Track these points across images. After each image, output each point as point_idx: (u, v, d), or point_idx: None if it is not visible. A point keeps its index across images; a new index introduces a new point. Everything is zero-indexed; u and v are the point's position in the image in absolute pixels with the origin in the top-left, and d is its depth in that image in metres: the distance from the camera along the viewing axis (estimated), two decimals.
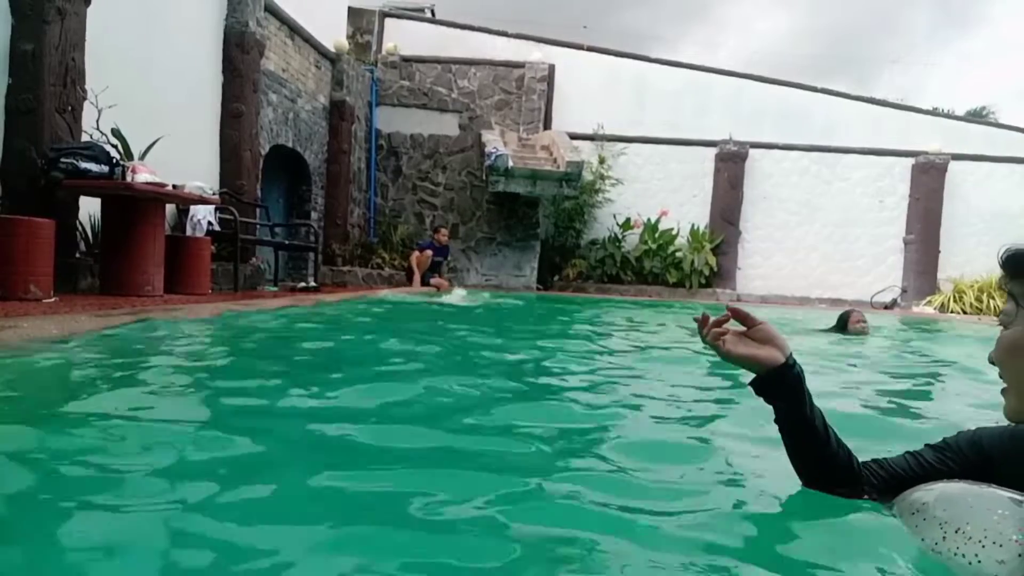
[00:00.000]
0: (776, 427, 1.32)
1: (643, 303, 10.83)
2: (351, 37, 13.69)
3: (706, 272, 13.21)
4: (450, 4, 17.33)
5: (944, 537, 0.97)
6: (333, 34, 11.69)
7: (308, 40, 10.37)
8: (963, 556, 0.92)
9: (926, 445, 1.30)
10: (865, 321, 6.08)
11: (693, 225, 13.64)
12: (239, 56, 8.07)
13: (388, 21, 14.57)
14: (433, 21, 15.36)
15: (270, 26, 9.03)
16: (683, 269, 13.20)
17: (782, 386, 1.27)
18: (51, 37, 5.16)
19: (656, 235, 13.48)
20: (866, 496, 1.24)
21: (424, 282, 11.23)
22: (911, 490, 1.13)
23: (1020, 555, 0.87)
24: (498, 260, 13.27)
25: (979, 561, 0.90)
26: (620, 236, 13.53)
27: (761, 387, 1.30)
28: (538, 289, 12.90)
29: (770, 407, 1.32)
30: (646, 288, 13.15)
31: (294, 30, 9.86)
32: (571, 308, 8.49)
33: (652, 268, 13.35)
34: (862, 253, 13.76)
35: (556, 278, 13.35)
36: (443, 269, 12.17)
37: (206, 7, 7.83)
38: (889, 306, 12.92)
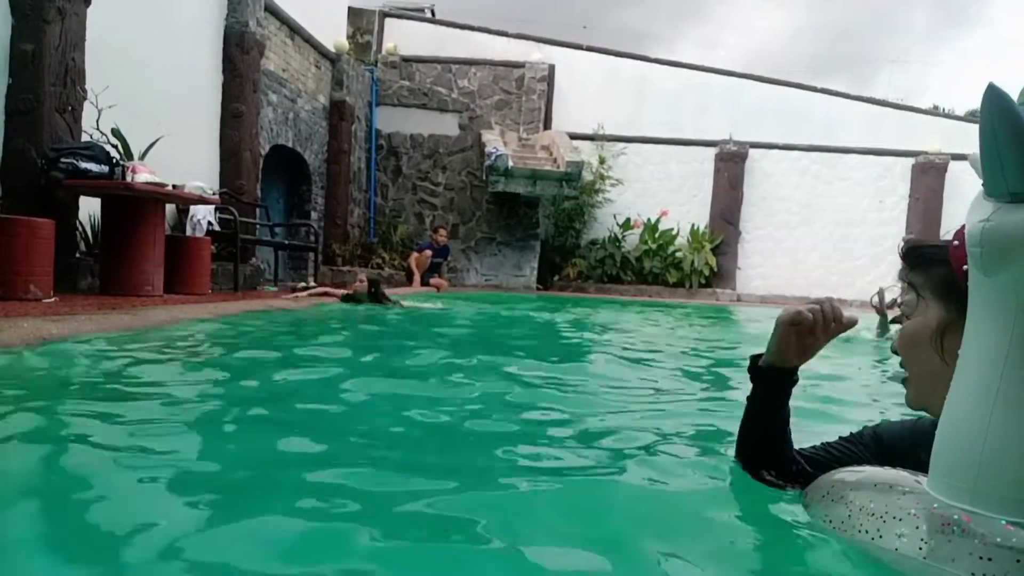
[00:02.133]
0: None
1: (653, 304, 10.83)
2: (351, 37, 13.69)
3: (706, 272, 13.22)
4: (450, 4, 17.34)
5: (849, 515, 1.02)
6: (333, 34, 11.69)
7: (308, 40, 10.37)
8: (866, 532, 0.97)
9: (839, 437, 1.37)
10: None
11: (693, 225, 13.65)
12: (239, 56, 8.07)
13: (388, 21, 14.58)
14: (433, 21, 15.36)
15: (270, 26, 9.03)
16: (683, 269, 13.21)
17: (785, 383, 1.32)
18: (51, 37, 5.15)
19: (656, 235, 13.49)
20: (788, 486, 1.30)
21: (424, 282, 11.23)
22: (820, 477, 1.18)
23: (918, 527, 0.92)
24: (498, 260, 13.27)
25: (880, 536, 0.95)
26: (620, 236, 13.54)
27: (766, 372, 1.32)
28: (538, 289, 12.91)
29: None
30: (646, 288, 13.16)
31: (294, 30, 9.86)
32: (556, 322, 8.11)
33: (652, 268, 13.36)
34: (862, 253, 13.77)
35: (556, 278, 13.35)
36: (443, 269, 12.18)
37: (206, 7, 7.83)
38: (889, 306, 12.91)
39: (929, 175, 13.33)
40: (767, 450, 1.33)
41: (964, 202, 1.02)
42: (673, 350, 4.72)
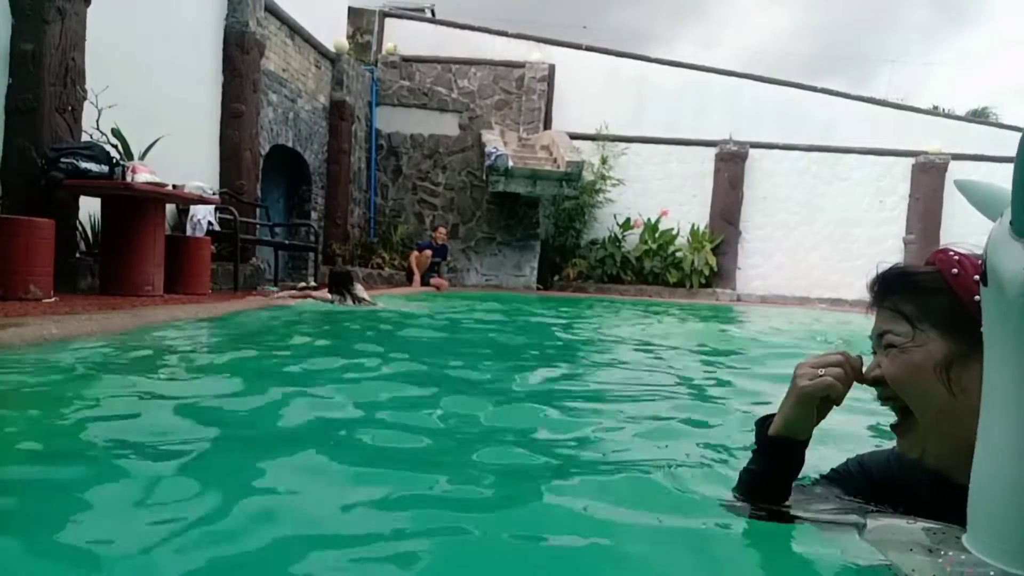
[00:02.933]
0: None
1: (651, 305, 10.80)
2: (351, 37, 13.69)
3: (706, 272, 13.22)
4: (450, 4, 17.35)
5: None
6: (333, 34, 11.69)
7: (308, 40, 10.37)
8: None
9: (822, 476, 1.27)
10: None
11: (693, 225, 13.65)
12: (239, 56, 8.07)
13: (388, 21, 14.58)
14: (433, 21, 15.36)
15: (270, 26, 9.03)
16: (683, 269, 13.21)
17: (802, 453, 1.16)
18: (51, 37, 5.16)
19: (656, 235, 13.49)
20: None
21: (424, 282, 11.24)
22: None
23: None
24: (498, 260, 13.28)
25: None
26: (620, 236, 13.54)
27: (783, 447, 1.15)
28: (538, 289, 12.91)
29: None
30: (646, 288, 13.16)
31: (294, 30, 9.86)
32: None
33: (652, 268, 13.36)
34: (862, 253, 13.76)
35: (556, 278, 13.36)
36: (442, 269, 12.18)
37: (206, 7, 7.83)
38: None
39: (929, 175, 13.33)
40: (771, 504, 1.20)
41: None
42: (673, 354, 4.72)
